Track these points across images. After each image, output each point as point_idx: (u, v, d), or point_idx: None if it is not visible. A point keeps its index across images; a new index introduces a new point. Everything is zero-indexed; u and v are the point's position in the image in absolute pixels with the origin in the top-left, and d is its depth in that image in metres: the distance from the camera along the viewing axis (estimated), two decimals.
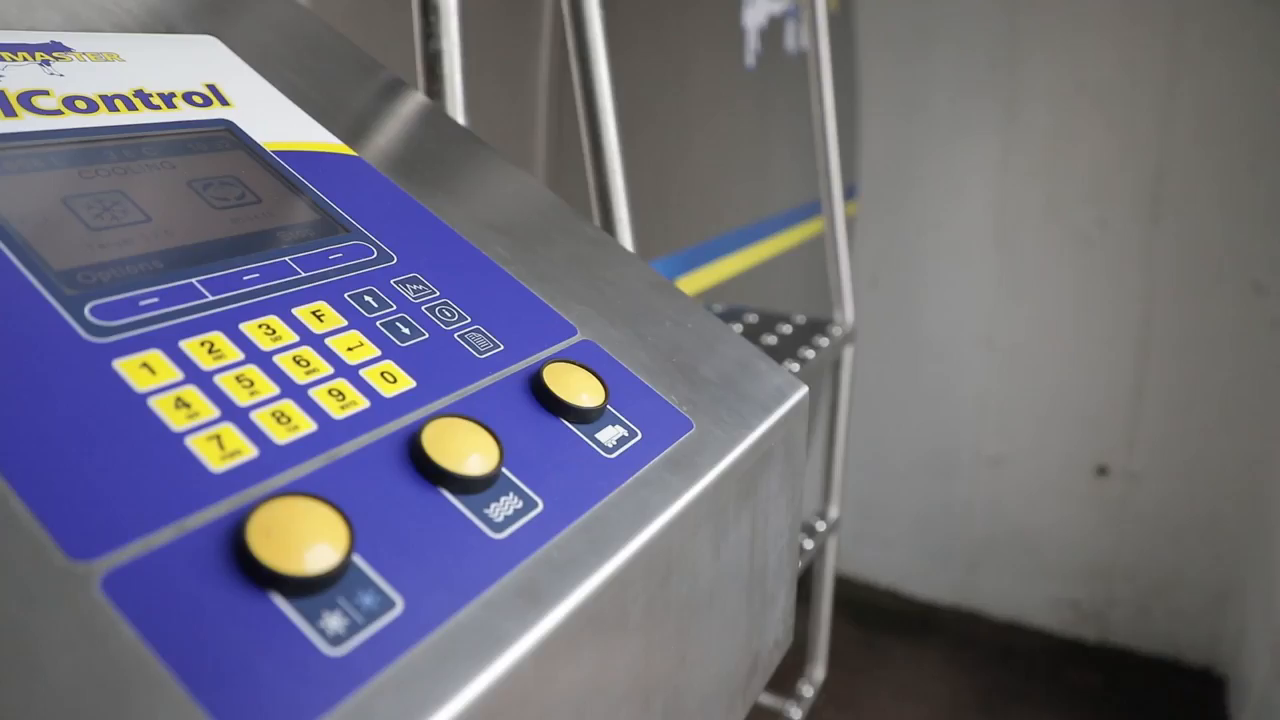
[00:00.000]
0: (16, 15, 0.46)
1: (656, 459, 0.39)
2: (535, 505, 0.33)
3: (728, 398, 0.46)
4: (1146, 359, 2.40)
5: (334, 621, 0.26)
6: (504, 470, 0.34)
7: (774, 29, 1.62)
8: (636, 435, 0.39)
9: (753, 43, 1.54)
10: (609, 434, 0.38)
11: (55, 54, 0.45)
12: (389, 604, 0.27)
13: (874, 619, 2.68)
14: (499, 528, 0.31)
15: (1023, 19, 2.34)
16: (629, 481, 0.37)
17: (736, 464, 0.42)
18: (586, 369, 0.40)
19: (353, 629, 0.26)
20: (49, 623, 0.23)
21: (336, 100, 0.54)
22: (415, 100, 0.59)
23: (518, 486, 0.33)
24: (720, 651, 0.45)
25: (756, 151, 1.66)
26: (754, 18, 1.54)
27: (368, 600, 0.27)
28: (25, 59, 0.43)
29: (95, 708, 0.22)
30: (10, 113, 0.40)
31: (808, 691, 1.43)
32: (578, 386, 0.39)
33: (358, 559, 0.28)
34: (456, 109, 0.67)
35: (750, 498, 0.45)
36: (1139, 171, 2.30)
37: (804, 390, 0.50)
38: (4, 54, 0.43)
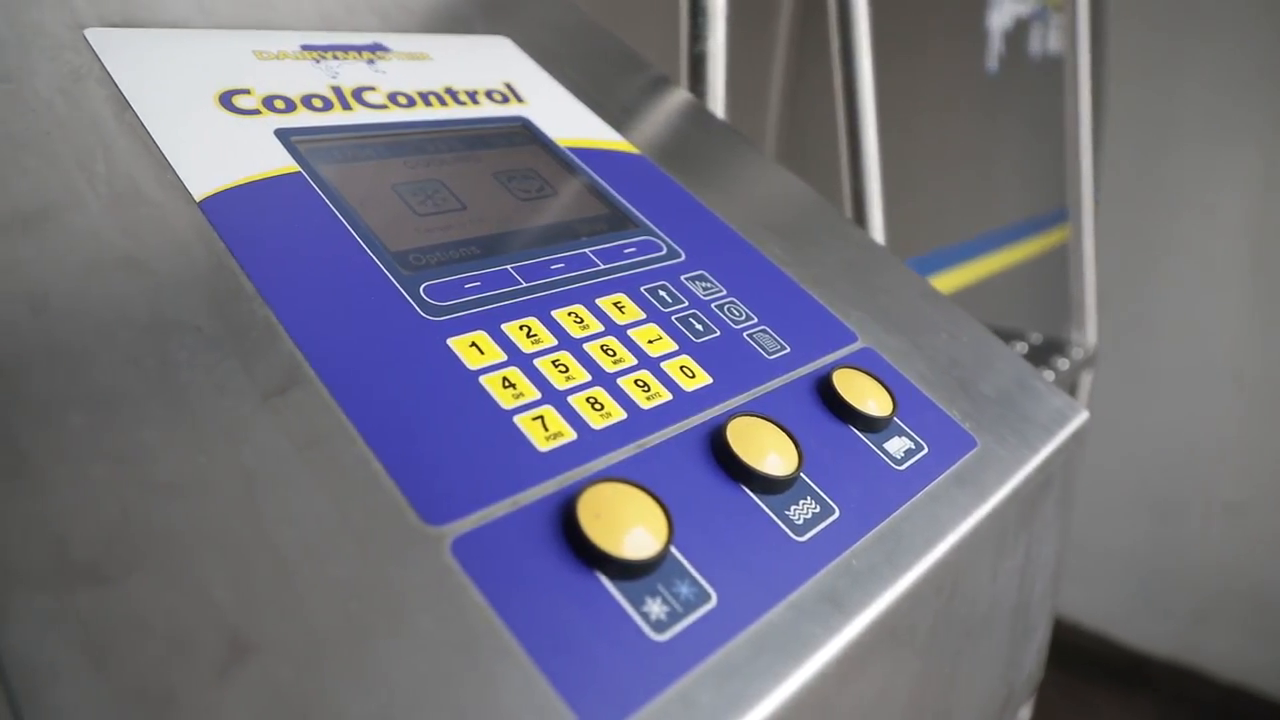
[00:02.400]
0: (343, 17, 0.50)
1: (944, 475, 0.37)
2: (833, 511, 0.33)
3: (1009, 416, 0.44)
4: None
5: (656, 608, 0.27)
6: (801, 473, 0.33)
7: (1018, 31, 1.54)
8: (923, 448, 0.38)
9: (995, 45, 1.47)
10: (896, 445, 0.37)
11: (378, 53, 0.48)
12: (705, 596, 0.28)
13: (1079, 663, 2.50)
14: (800, 530, 0.31)
15: None
16: (919, 495, 0.35)
17: (1021, 486, 0.40)
18: (874, 377, 0.39)
19: (673, 617, 0.27)
20: (408, 581, 0.25)
21: (615, 98, 0.56)
22: (685, 99, 0.60)
23: (815, 491, 0.33)
24: (984, 678, 0.43)
25: (992, 159, 1.58)
26: (998, 20, 1.47)
27: (684, 590, 0.28)
28: (354, 58, 0.47)
29: (449, 663, 0.24)
30: (346, 106, 0.43)
31: None
32: (866, 394, 0.38)
33: (673, 549, 0.29)
34: (719, 110, 0.67)
35: (1029, 523, 0.42)
36: None
37: (1085, 415, 0.47)
38: (338, 53, 0.47)
